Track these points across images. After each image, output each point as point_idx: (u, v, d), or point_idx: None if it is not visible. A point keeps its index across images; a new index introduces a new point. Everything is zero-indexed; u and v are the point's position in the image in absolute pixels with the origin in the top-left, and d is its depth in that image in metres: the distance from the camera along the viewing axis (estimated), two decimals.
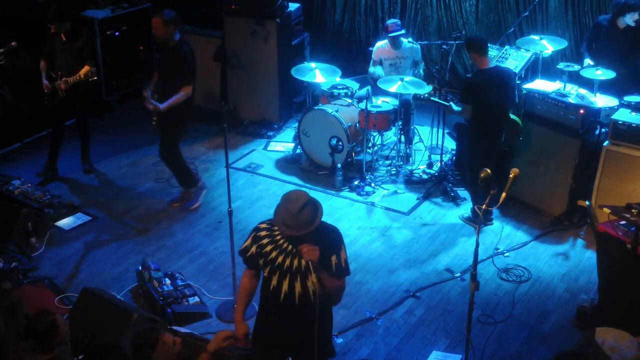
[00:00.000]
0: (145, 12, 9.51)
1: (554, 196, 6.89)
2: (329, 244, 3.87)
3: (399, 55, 7.89)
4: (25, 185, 7.14)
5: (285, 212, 3.73)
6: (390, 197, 7.42)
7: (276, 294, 3.95)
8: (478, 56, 6.39)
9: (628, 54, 7.09)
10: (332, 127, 7.56)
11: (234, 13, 8.54)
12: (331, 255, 3.86)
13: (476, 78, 6.50)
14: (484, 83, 6.38)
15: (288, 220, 3.72)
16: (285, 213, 3.72)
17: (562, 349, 5.36)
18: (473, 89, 6.47)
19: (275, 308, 4.01)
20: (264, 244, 3.95)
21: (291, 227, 3.72)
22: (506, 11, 8.96)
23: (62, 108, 7.43)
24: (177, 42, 6.61)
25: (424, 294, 6.01)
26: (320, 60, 8.75)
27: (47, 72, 7.30)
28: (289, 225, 3.72)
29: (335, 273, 3.89)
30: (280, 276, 3.92)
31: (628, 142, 6.23)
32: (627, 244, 4.97)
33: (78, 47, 7.22)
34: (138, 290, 5.98)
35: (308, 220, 3.72)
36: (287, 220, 3.72)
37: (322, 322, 3.90)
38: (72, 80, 7.13)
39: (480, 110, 6.45)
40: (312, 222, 3.73)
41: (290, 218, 3.71)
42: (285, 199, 3.77)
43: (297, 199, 3.73)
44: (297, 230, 3.72)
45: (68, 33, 7.17)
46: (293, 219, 3.70)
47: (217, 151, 8.34)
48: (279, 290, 3.93)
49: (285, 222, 3.73)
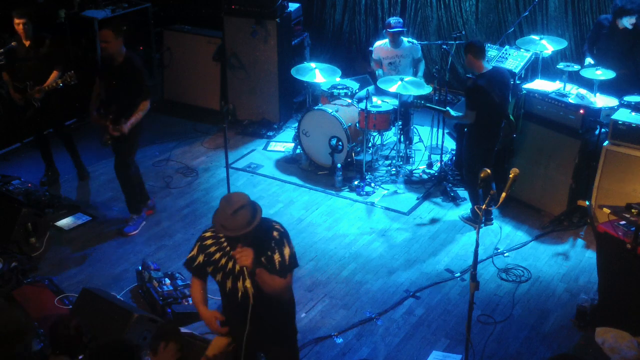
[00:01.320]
0: (145, 12, 9.52)
1: (554, 196, 6.89)
2: (269, 243, 3.89)
3: (398, 54, 7.90)
4: (25, 185, 7.13)
5: (222, 213, 3.77)
6: (390, 197, 7.42)
7: (233, 294, 4.01)
8: (475, 60, 6.38)
9: (628, 53, 7.10)
10: (332, 127, 7.56)
11: (234, 13, 8.54)
12: (273, 254, 3.88)
13: (480, 82, 6.40)
14: (488, 86, 6.36)
15: (224, 221, 3.75)
16: (222, 214, 3.76)
17: (562, 349, 5.36)
18: (479, 93, 6.38)
19: (235, 308, 4.06)
20: (212, 251, 4.01)
21: (227, 228, 3.75)
22: (506, 11, 8.96)
23: (37, 119, 7.19)
24: (126, 56, 6.30)
25: (424, 294, 6.01)
26: (320, 60, 8.76)
27: (13, 84, 7.05)
28: (225, 226, 3.75)
29: (279, 271, 3.89)
30: (234, 279, 3.98)
31: (628, 142, 6.23)
32: (627, 244, 4.97)
33: (43, 53, 6.96)
34: (138, 290, 5.98)
35: (244, 222, 3.74)
36: (223, 222, 3.76)
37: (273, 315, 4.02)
38: (47, 87, 6.88)
39: (484, 113, 6.43)
40: (248, 224, 3.75)
41: (225, 219, 3.74)
42: (223, 200, 3.81)
43: (235, 201, 3.77)
44: (233, 231, 3.75)
45: (31, 39, 6.93)
46: (228, 219, 3.73)
47: (217, 151, 8.34)
48: (235, 291, 3.99)
49: (222, 224, 3.77)
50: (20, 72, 7.04)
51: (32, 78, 6.97)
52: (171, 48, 9.35)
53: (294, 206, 7.27)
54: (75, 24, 8.98)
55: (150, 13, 9.60)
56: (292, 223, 6.90)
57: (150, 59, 9.76)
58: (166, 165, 8.06)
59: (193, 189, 7.60)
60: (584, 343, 5.38)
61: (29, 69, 7.00)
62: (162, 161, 8.14)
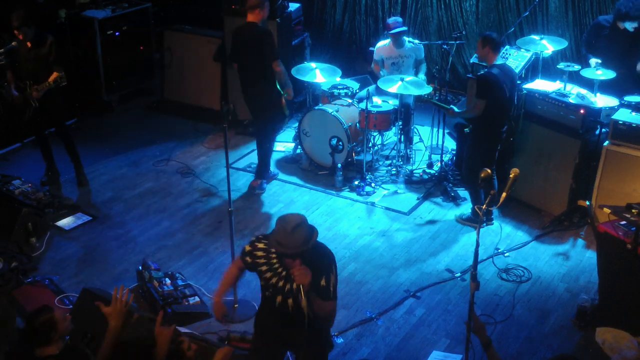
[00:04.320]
0: (145, 12, 9.52)
1: (554, 196, 6.88)
2: (321, 266, 3.93)
3: (401, 54, 7.89)
4: (25, 185, 7.12)
5: (280, 231, 3.80)
6: (391, 197, 7.42)
7: (272, 301, 4.07)
8: (492, 54, 6.32)
9: (628, 54, 7.10)
10: (333, 127, 7.55)
11: (234, 13, 8.53)
12: (320, 279, 3.91)
13: (494, 71, 6.30)
14: (502, 76, 6.31)
15: (282, 239, 3.78)
16: (280, 231, 3.80)
17: (562, 349, 5.36)
18: (492, 82, 6.28)
19: (272, 310, 4.13)
20: (260, 263, 4.05)
21: (284, 246, 3.78)
22: (506, 11, 8.95)
23: (37, 119, 7.20)
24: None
25: (424, 294, 6.01)
26: (320, 60, 8.75)
27: (16, 83, 7.06)
28: (282, 243, 3.79)
29: (320, 294, 3.92)
30: (274, 292, 4.04)
31: (628, 142, 6.23)
32: (627, 244, 4.97)
33: (43, 53, 6.96)
34: (138, 290, 5.97)
35: (302, 240, 3.79)
36: (281, 239, 3.79)
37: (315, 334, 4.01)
38: (42, 87, 6.90)
39: (493, 107, 6.33)
40: (306, 242, 3.80)
41: (284, 236, 3.77)
42: (280, 220, 3.86)
43: (292, 219, 3.82)
44: (292, 248, 3.78)
45: (33, 40, 6.93)
46: (287, 236, 3.76)
47: (218, 151, 8.34)
48: (274, 300, 4.06)
49: (279, 241, 3.80)
50: (21, 72, 7.04)
51: (32, 78, 6.97)
52: (171, 48, 9.36)
53: (294, 206, 7.27)
54: (75, 24, 8.98)
55: (150, 13, 9.60)
56: None
57: (150, 59, 9.76)
58: (166, 165, 8.06)
59: (193, 188, 7.60)
60: (584, 343, 5.39)
61: (30, 69, 7.00)
62: (163, 161, 8.14)
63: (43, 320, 3.93)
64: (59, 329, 3.95)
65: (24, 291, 5.79)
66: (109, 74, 9.17)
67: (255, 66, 7.02)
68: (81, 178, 7.64)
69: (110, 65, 9.15)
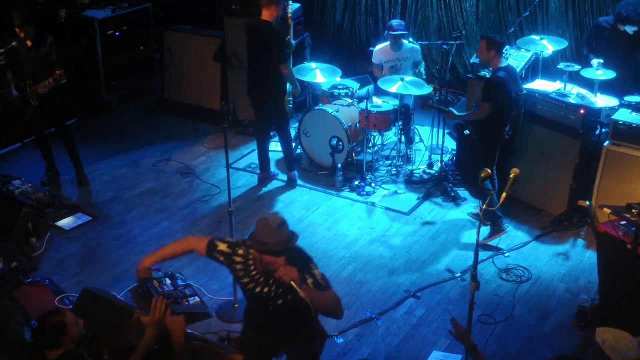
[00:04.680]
0: (145, 12, 9.52)
1: (554, 196, 6.88)
2: (304, 265, 3.93)
3: (399, 57, 7.89)
4: (25, 185, 7.12)
5: (264, 230, 3.79)
6: (391, 197, 7.42)
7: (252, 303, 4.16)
8: (496, 56, 6.32)
9: (628, 54, 7.09)
10: (333, 127, 7.55)
11: (234, 13, 8.53)
12: (307, 278, 3.91)
13: (501, 74, 6.31)
14: (508, 79, 6.32)
15: (267, 237, 3.77)
16: (265, 230, 3.79)
17: (562, 349, 5.36)
18: (499, 85, 6.28)
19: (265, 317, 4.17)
20: (238, 268, 4.06)
21: (270, 244, 3.77)
22: (506, 11, 8.95)
23: (37, 119, 7.19)
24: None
25: (424, 294, 6.01)
26: (320, 60, 8.75)
27: (16, 83, 7.06)
28: (267, 242, 3.77)
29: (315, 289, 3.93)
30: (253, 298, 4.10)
31: (628, 142, 6.23)
32: (627, 244, 4.97)
33: (43, 53, 6.95)
34: (138, 290, 5.97)
35: (287, 237, 3.81)
36: (265, 238, 3.77)
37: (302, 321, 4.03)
38: (45, 84, 6.88)
39: (497, 109, 6.32)
40: (290, 239, 3.83)
41: (269, 234, 3.77)
42: (262, 220, 3.85)
43: (275, 219, 3.84)
44: (277, 245, 3.77)
45: (33, 40, 6.92)
46: (273, 233, 3.77)
47: (218, 151, 8.34)
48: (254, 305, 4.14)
49: (262, 240, 3.78)
50: (21, 71, 7.03)
51: (32, 78, 6.96)
52: (171, 48, 9.35)
53: (294, 206, 7.27)
54: (75, 24, 8.98)
55: (150, 13, 9.60)
56: (292, 223, 6.85)
57: (150, 59, 9.76)
58: (166, 165, 8.06)
59: (193, 188, 7.60)
60: (584, 343, 5.39)
61: (30, 69, 6.99)
62: (163, 161, 8.14)
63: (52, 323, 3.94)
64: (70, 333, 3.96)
65: (24, 291, 5.78)
66: (109, 74, 9.17)
67: (267, 65, 7.04)
68: (81, 178, 7.64)
69: (110, 65, 9.15)
